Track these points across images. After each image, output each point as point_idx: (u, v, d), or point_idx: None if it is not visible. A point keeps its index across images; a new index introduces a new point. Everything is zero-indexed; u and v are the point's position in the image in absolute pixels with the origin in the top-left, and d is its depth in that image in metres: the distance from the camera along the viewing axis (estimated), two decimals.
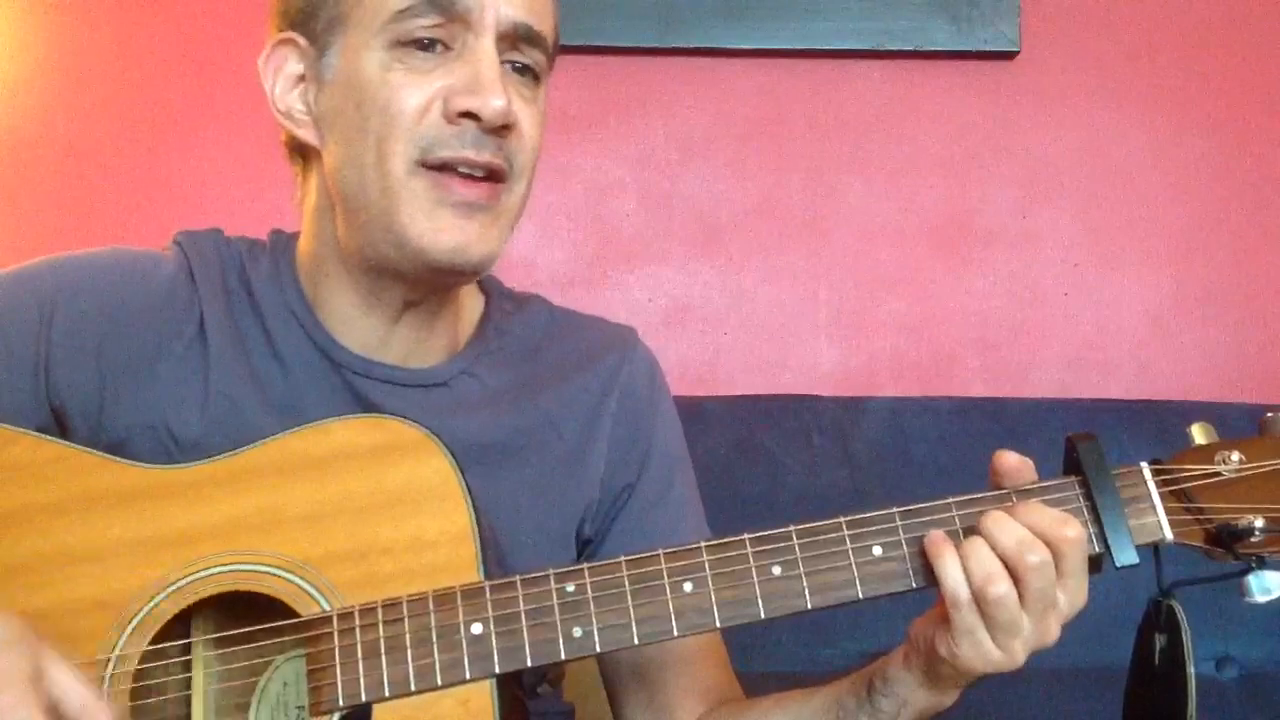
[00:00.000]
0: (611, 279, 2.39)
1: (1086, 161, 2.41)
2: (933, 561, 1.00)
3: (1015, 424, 2.19)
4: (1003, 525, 1.00)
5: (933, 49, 2.36)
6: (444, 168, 1.09)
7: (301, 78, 1.16)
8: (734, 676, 1.27)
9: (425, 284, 1.16)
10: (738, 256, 2.40)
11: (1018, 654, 1.00)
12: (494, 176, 1.11)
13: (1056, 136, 2.41)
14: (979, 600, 0.98)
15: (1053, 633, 1.00)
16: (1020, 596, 0.98)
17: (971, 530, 1.01)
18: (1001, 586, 0.98)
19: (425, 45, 1.10)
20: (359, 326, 1.18)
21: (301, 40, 1.15)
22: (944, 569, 0.99)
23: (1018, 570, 0.98)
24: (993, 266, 2.41)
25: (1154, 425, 2.12)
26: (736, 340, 2.40)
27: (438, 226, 1.09)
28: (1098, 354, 2.41)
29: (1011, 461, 1.05)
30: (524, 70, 1.14)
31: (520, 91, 1.13)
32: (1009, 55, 2.38)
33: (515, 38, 1.12)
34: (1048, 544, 0.98)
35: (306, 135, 1.16)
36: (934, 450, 2.18)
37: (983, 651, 0.99)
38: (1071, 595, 1.00)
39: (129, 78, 2.34)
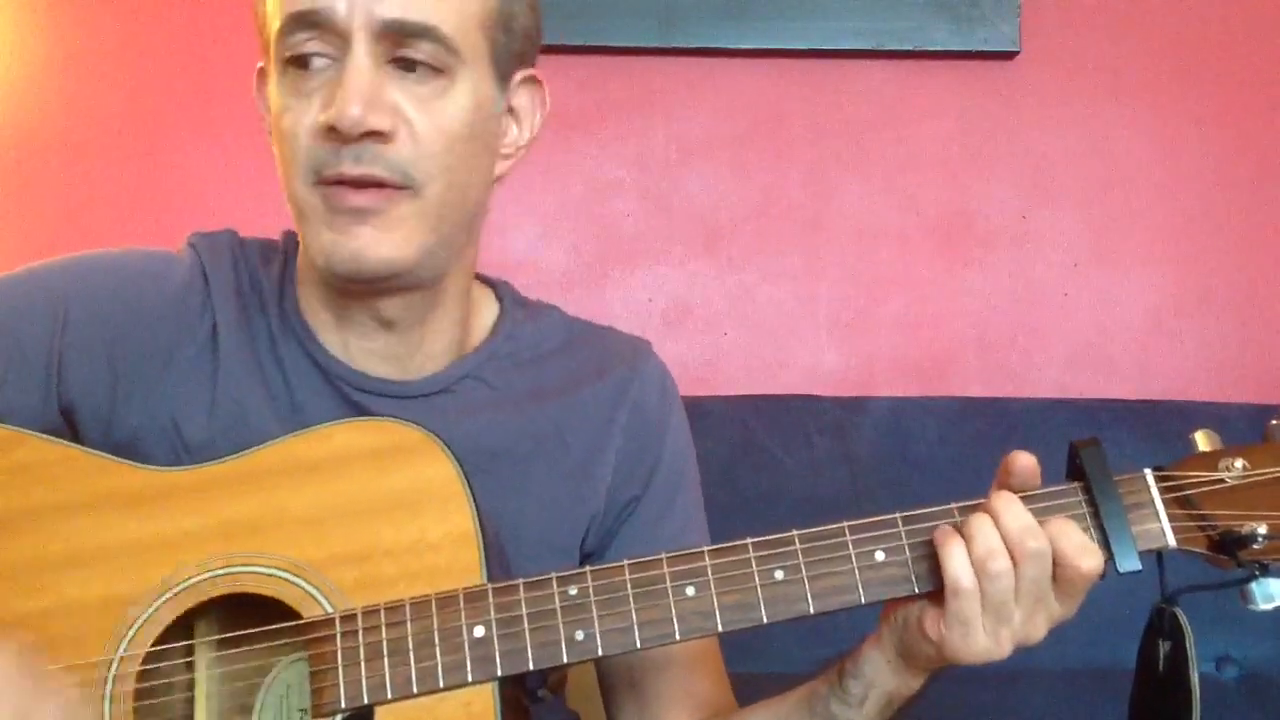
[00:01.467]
0: (611, 279, 2.40)
1: (1086, 161, 2.41)
2: (938, 548, 1.00)
3: (1015, 424, 2.20)
4: (1009, 507, 1.00)
5: (933, 49, 2.36)
6: (336, 184, 1.08)
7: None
8: (728, 687, 1.26)
9: (373, 294, 1.15)
10: (738, 256, 2.40)
11: (1004, 644, 1.00)
12: (387, 188, 1.08)
13: (1056, 136, 2.41)
14: (979, 573, 0.98)
15: (1039, 630, 1.00)
16: (1014, 581, 0.99)
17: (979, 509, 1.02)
18: (1002, 563, 0.98)
19: (305, 63, 1.08)
20: (339, 340, 1.18)
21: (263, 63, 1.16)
22: (949, 556, 0.99)
23: (1015, 554, 0.98)
24: (993, 266, 2.41)
25: (1154, 425, 2.13)
26: (736, 340, 2.40)
27: (335, 236, 1.08)
28: (1098, 354, 2.42)
29: (1026, 463, 1.04)
30: (414, 67, 1.08)
31: (412, 91, 1.08)
32: (1009, 55, 2.38)
33: (391, 36, 1.06)
34: (1065, 566, 0.99)
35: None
36: (934, 450, 2.18)
37: (972, 638, 0.99)
38: (1068, 608, 1.01)
39: (129, 78, 2.34)
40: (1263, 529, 1.00)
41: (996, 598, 0.98)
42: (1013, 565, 0.98)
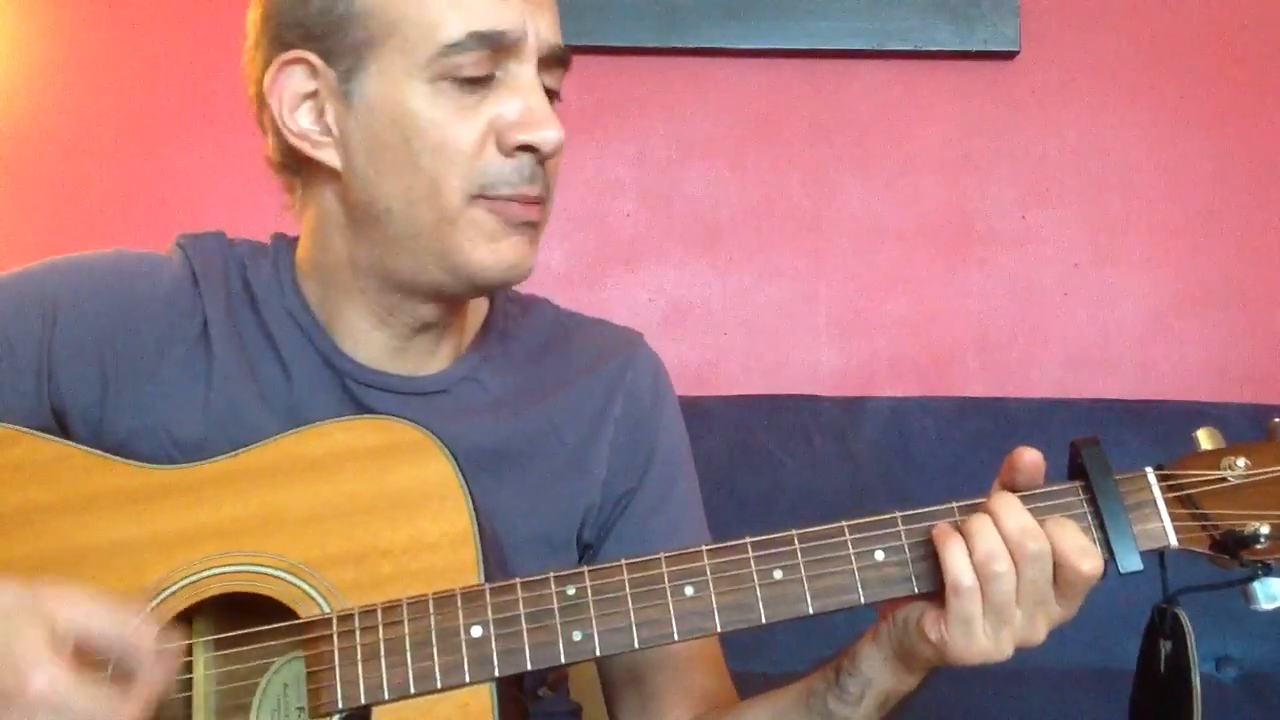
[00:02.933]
0: (611, 279, 2.39)
1: (1086, 161, 2.41)
2: (938, 547, 1.00)
3: (1015, 424, 2.19)
4: (1009, 508, 0.99)
5: (933, 49, 2.36)
6: (505, 199, 1.10)
7: (310, 95, 1.12)
8: (729, 682, 1.26)
9: (452, 301, 1.17)
10: (738, 256, 2.40)
11: (1005, 645, 0.99)
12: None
13: (1056, 136, 2.41)
14: (980, 574, 0.98)
15: (1040, 632, 1.00)
16: (1015, 582, 0.98)
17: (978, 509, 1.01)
18: (1002, 564, 0.97)
19: (478, 81, 1.09)
20: (368, 340, 1.18)
21: (314, 59, 1.11)
22: (950, 555, 0.99)
23: (1015, 555, 0.98)
24: (993, 266, 2.41)
25: (1154, 425, 2.13)
26: (736, 340, 2.40)
27: (500, 248, 1.11)
28: (1098, 354, 2.41)
29: (1031, 459, 1.03)
30: (553, 94, 1.14)
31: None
32: (1009, 55, 2.38)
33: (552, 60, 1.12)
34: (1064, 567, 0.98)
35: (326, 157, 1.12)
36: (934, 450, 2.18)
37: (973, 639, 0.99)
38: (1068, 609, 1.00)
39: (129, 78, 2.34)
40: (1265, 528, 1.00)
41: (998, 599, 0.98)
42: (1014, 567, 0.98)
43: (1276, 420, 1.05)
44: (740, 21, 2.34)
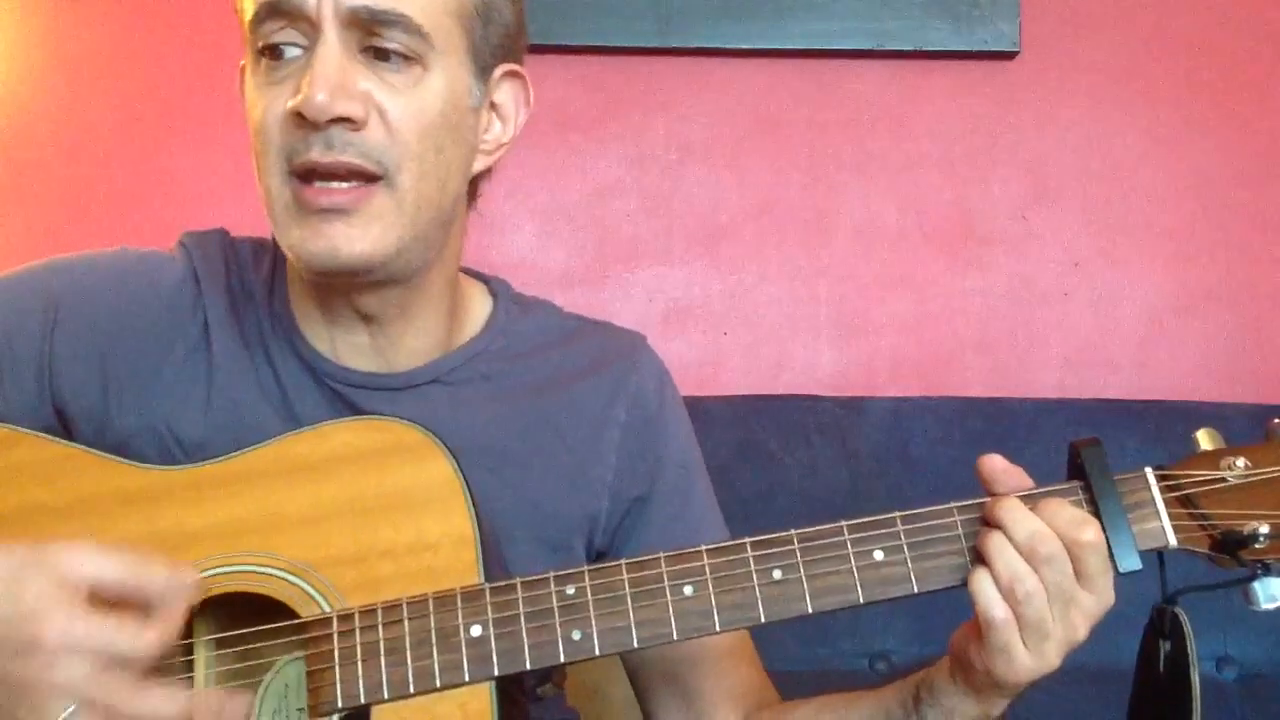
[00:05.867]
0: (611, 279, 2.39)
1: (1086, 161, 2.41)
2: (970, 583, 1.00)
3: (1015, 424, 2.19)
4: (1016, 517, 0.99)
5: (933, 49, 2.36)
6: (308, 174, 1.07)
7: None
8: (766, 675, 1.25)
9: (339, 291, 1.14)
10: (738, 256, 2.40)
11: (1051, 656, 0.99)
12: (359, 176, 1.07)
13: (1056, 136, 2.41)
14: (1009, 600, 0.98)
15: (1079, 630, 1.00)
16: (1044, 595, 0.98)
17: (985, 523, 1.01)
18: (1029, 583, 0.97)
19: (276, 53, 1.07)
20: (327, 336, 1.18)
21: (249, 63, 1.14)
22: (978, 590, 0.99)
23: (1031, 563, 0.98)
24: (993, 266, 2.41)
25: (1154, 425, 2.13)
26: (736, 340, 2.40)
27: (304, 234, 1.07)
28: (1098, 354, 2.41)
29: (997, 465, 1.04)
30: (387, 56, 1.07)
31: (385, 79, 1.07)
32: (1009, 55, 2.38)
33: (360, 24, 1.06)
34: (1065, 546, 0.98)
35: None
36: (934, 450, 2.18)
37: (1016, 663, 0.99)
38: (1099, 594, 1.00)
39: (129, 78, 2.34)
40: (1265, 528, 1.00)
41: (1032, 618, 0.98)
42: (1040, 582, 0.98)
43: (1276, 421, 1.05)
44: (739, 21, 2.34)
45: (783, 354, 2.40)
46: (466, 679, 0.99)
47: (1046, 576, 0.98)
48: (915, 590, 1.02)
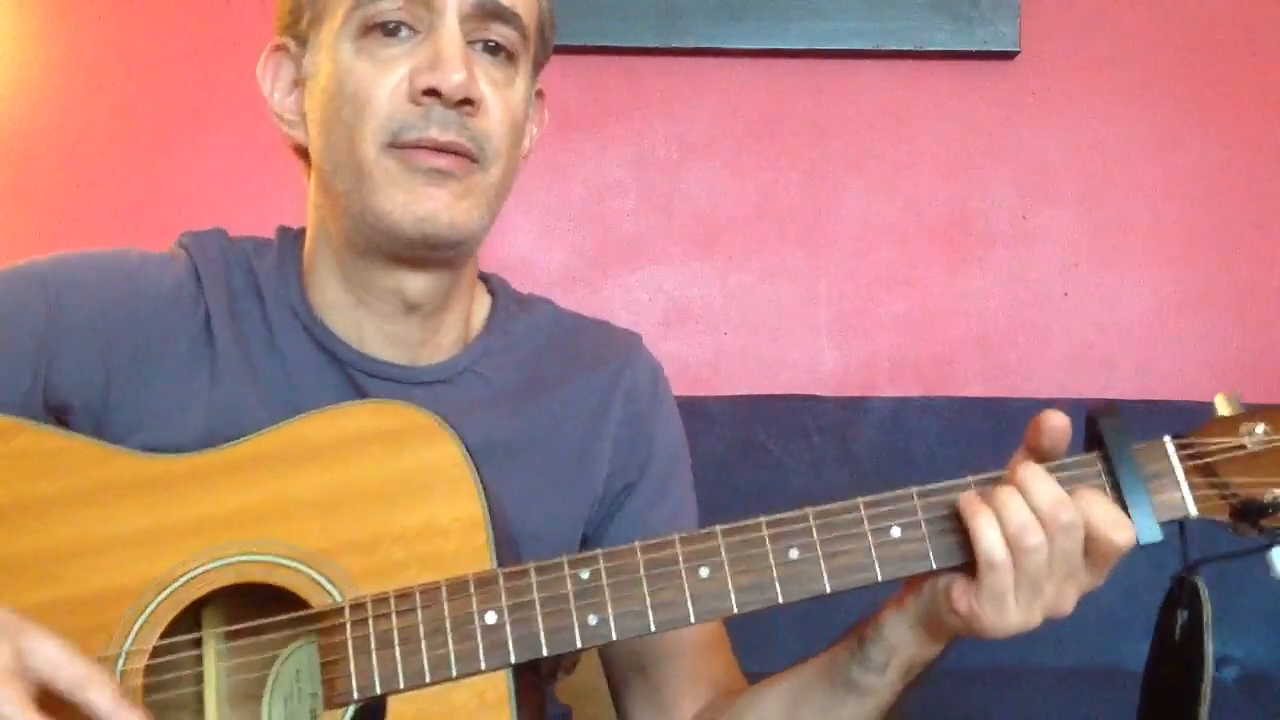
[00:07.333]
0: (611, 279, 2.39)
1: (1086, 161, 2.42)
2: (968, 520, 0.98)
3: (1015, 424, 2.16)
4: (1038, 479, 0.98)
5: (933, 49, 2.37)
6: (413, 147, 1.10)
7: (296, 82, 1.18)
8: (737, 667, 1.25)
9: (407, 267, 1.15)
10: (738, 256, 2.40)
11: (1035, 616, 0.98)
12: (463, 156, 1.11)
13: (1056, 136, 2.41)
14: (1013, 548, 0.96)
15: (1069, 602, 0.99)
16: (1048, 554, 0.97)
17: (1001, 481, 1.00)
18: (1036, 537, 0.96)
19: (391, 30, 1.10)
20: (350, 320, 1.18)
21: (292, 45, 1.17)
22: (981, 529, 0.97)
23: (1047, 527, 0.96)
24: (993, 266, 2.42)
25: (1154, 425, 2.11)
26: (736, 340, 2.40)
27: (409, 197, 1.10)
28: (1098, 354, 2.42)
29: (1059, 422, 1.02)
30: (495, 50, 1.13)
31: (489, 73, 1.12)
32: (1009, 55, 2.38)
33: (481, 15, 1.11)
34: (1097, 540, 0.97)
35: (299, 135, 1.18)
36: (934, 450, 2.18)
37: (1005, 613, 0.98)
38: (1094, 576, 0.99)
39: (129, 78, 2.34)
40: None
41: (1031, 572, 0.97)
42: (1047, 539, 0.97)
43: None
44: (740, 21, 2.34)
45: (783, 354, 2.40)
46: (483, 667, 0.98)
47: (1059, 542, 0.97)
48: (934, 566, 1.00)
